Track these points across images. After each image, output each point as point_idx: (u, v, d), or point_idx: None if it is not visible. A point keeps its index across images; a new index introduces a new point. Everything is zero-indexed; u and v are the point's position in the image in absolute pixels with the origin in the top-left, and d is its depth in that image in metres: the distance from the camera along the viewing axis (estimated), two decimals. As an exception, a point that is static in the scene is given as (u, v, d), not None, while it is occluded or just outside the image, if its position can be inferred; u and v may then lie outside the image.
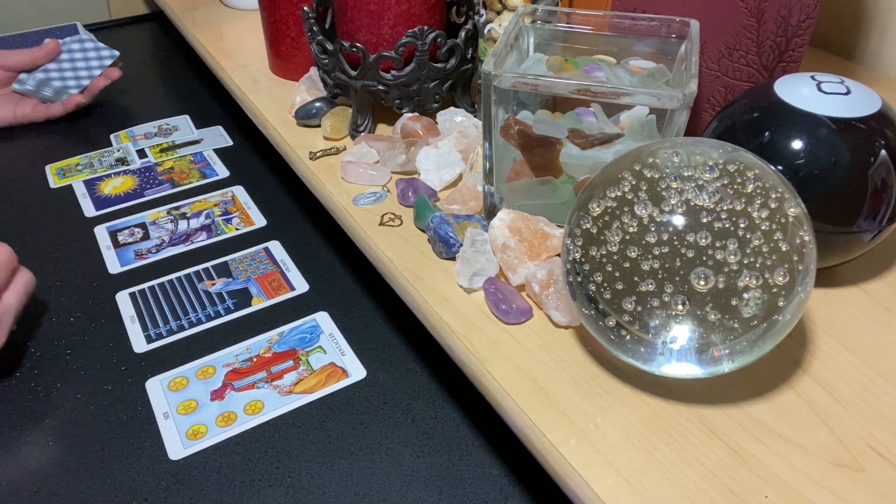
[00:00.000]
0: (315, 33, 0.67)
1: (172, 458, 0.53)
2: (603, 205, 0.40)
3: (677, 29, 0.53)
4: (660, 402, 0.43)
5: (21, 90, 0.91)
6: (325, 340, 0.62)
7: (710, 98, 0.59)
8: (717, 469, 0.39)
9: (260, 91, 0.79)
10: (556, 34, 0.56)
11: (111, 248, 0.73)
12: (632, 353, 0.41)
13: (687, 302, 0.38)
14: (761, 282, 0.37)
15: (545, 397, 0.44)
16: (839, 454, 0.40)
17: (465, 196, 0.58)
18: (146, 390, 0.58)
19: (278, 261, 0.71)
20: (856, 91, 0.47)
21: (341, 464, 0.52)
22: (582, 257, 0.41)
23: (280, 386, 0.58)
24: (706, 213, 0.38)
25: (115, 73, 0.94)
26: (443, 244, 0.54)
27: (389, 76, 0.65)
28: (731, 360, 0.40)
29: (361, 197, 0.61)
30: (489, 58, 0.49)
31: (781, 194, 0.39)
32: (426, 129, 0.66)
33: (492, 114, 0.50)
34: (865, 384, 0.44)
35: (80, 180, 0.83)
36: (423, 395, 0.57)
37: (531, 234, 0.51)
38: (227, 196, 0.81)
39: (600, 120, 0.51)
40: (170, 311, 0.65)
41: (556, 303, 0.48)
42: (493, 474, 0.51)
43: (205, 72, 1.03)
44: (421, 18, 0.66)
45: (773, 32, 0.54)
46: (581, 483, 0.39)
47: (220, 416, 0.55)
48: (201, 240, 0.74)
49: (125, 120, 0.95)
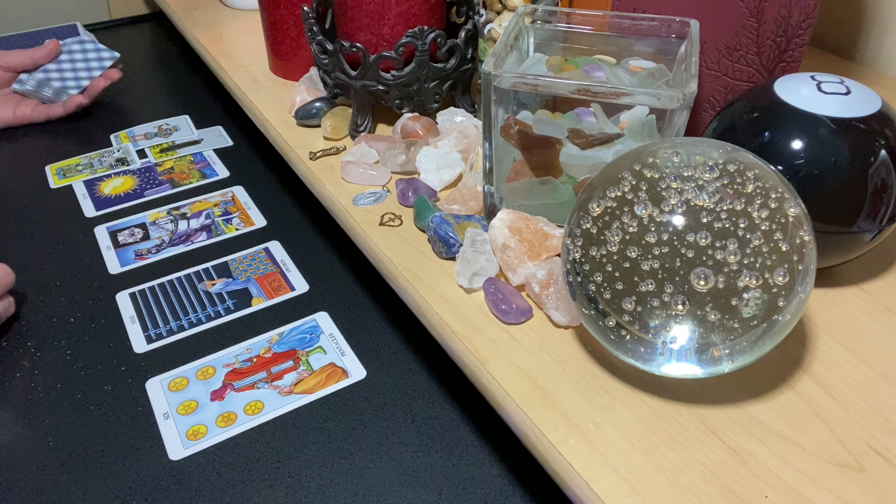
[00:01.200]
0: (315, 33, 0.67)
1: (172, 459, 0.53)
2: (603, 205, 0.40)
3: (677, 29, 0.53)
4: (660, 402, 0.43)
5: (21, 90, 0.91)
6: (325, 340, 0.62)
7: (710, 98, 0.59)
8: (717, 469, 0.39)
9: (260, 91, 0.79)
10: (556, 34, 0.56)
11: (111, 248, 0.73)
12: (632, 353, 0.41)
13: (687, 302, 0.38)
14: (761, 282, 0.37)
15: (545, 397, 0.44)
16: (839, 454, 0.40)
17: (465, 196, 0.58)
18: (146, 390, 0.58)
19: (278, 261, 0.71)
20: (856, 91, 0.47)
21: (341, 464, 0.52)
22: (582, 257, 0.41)
23: (280, 386, 0.58)
24: (706, 213, 0.38)
25: (115, 73, 0.94)
26: (443, 244, 0.54)
27: (389, 76, 0.65)
28: (731, 360, 0.40)
29: (361, 197, 0.61)
30: (489, 58, 0.49)
31: (781, 194, 0.39)
32: (426, 129, 0.66)
33: (492, 114, 0.50)
34: (865, 384, 0.44)
35: (81, 180, 0.83)
36: (423, 395, 0.57)
37: (531, 234, 0.51)
38: (227, 196, 0.81)
39: (600, 120, 0.51)
40: (170, 311, 0.65)
41: (555, 303, 0.48)
42: (493, 474, 0.51)
43: (205, 72, 1.03)
44: (421, 18, 0.66)
45: (773, 32, 0.54)
46: (581, 483, 0.39)
47: (220, 417, 0.55)
48: (201, 240, 0.74)
49: (125, 120, 0.95)
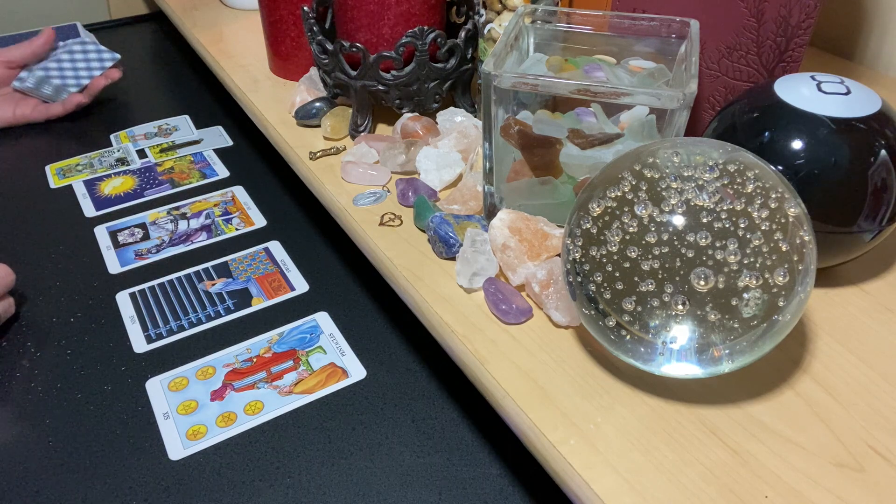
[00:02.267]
0: (315, 33, 0.67)
1: (172, 458, 0.53)
2: (603, 205, 0.40)
3: (677, 29, 0.53)
4: (660, 402, 0.43)
5: (21, 87, 0.91)
6: (325, 340, 0.62)
7: (710, 98, 0.59)
8: (717, 469, 0.39)
9: (260, 91, 0.79)
10: (556, 34, 0.56)
11: (111, 248, 0.73)
12: (632, 353, 0.41)
13: (687, 302, 0.38)
14: (761, 282, 0.37)
15: (545, 397, 0.44)
16: (839, 454, 0.40)
17: (465, 196, 0.58)
18: (146, 390, 0.58)
19: (278, 261, 0.71)
20: (856, 91, 0.47)
21: (341, 464, 0.52)
22: (582, 257, 0.41)
23: (280, 386, 0.58)
24: (706, 213, 0.38)
25: (116, 73, 0.94)
26: (443, 244, 0.54)
27: (389, 76, 0.65)
28: (731, 360, 0.40)
29: (361, 197, 0.61)
30: (489, 58, 0.49)
31: (781, 194, 0.39)
32: (426, 129, 0.66)
33: (492, 114, 0.50)
34: (865, 384, 0.44)
35: (80, 180, 0.83)
36: (423, 395, 0.57)
37: (531, 234, 0.51)
38: (227, 196, 0.81)
39: (600, 120, 0.51)
40: (170, 311, 0.65)
41: (556, 303, 0.48)
42: (493, 474, 0.51)
43: (205, 72, 1.03)
44: (421, 18, 0.66)
45: (773, 32, 0.54)
46: (581, 483, 0.39)
47: (220, 417, 0.55)
48: (201, 240, 0.74)
49: (125, 120, 0.95)
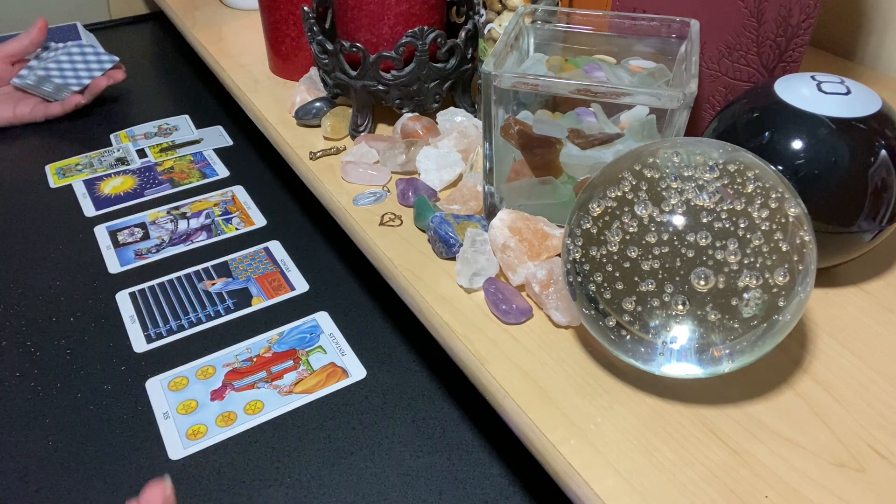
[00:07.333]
0: (315, 33, 0.67)
1: (172, 458, 0.53)
2: (603, 205, 0.40)
3: (677, 29, 0.53)
4: (660, 402, 0.43)
5: (21, 85, 0.91)
6: (325, 340, 0.62)
7: (710, 98, 0.59)
8: (717, 469, 0.39)
9: (260, 91, 0.79)
10: (556, 34, 0.56)
11: (111, 247, 0.73)
12: (632, 353, 0.41)
13: (687, 302, 0.38)
14: (761, 282, 0.37)
15: (545, 397, 0.44)
16: (839, 454, 0.40)
17: (465, 196, 0.58)
18: (146, 390, 0.58)
19: (278, 261, 0.71)
20: (856, 91, 0.47)
21: (341, 464, 0.52)
22: (582, 257, 0.41)
23: (280, 386, 0.58)
24: (706, 213, 0.38)
25: (120, 74, 0.94)
26: (443, 244, 0.54)
27: (389, 76, 0.65)
28: (731, 360, 0.40)
29: (361, 197, 0.61)
30: (489, 58, 0.49)
31: (781, 194, 0.39)
32: (426, 129, 0.66)
33: (492, 114, 0.50)
34: (865, 384, 0.44)
35: (80, 180, 0.83)
36: (423, 395, 0.57)
37: (531, 234, 0.51)
38: (227, 196, 0.81)
39: (600, 120, 0.51)
40: (170, 310, 0.65)
41: (556, 303, 0.48)
42: (493, 474, 0.51)
43: (205, 72, 1.03)
44: (421, 18, 0.66)
45: (773, 32, 0.54)
46: (581, 483, 0.39)
47: (220, 416, 0.55)
48: (201, 240, 0.74)
49: (125, 120, 0.95)
